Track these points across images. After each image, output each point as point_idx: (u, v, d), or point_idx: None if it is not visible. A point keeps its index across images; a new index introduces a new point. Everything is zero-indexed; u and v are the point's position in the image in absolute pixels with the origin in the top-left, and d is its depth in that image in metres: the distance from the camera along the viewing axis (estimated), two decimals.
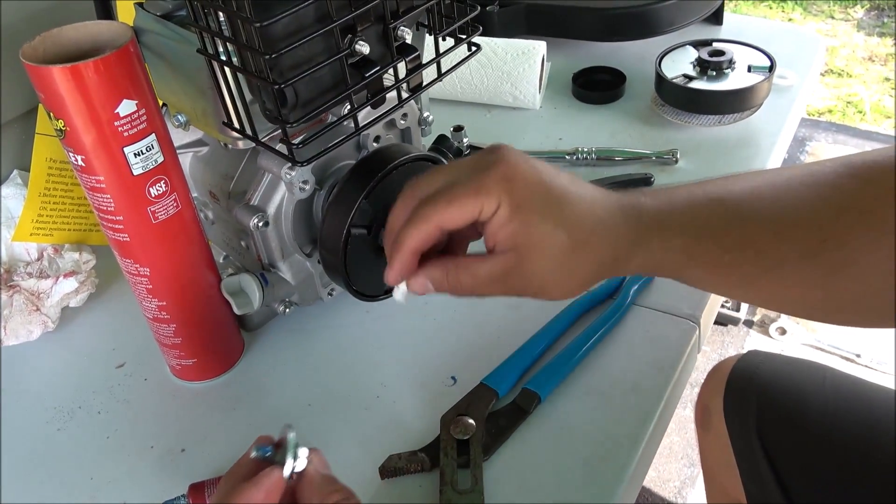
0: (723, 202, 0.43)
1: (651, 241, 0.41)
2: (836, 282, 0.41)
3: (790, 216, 0.41)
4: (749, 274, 0.42)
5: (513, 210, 0.38)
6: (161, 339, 0.53)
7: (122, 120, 0.41)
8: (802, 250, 0.41)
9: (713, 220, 0.42)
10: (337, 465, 0.48)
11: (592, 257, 0.41)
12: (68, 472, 0.50)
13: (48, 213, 0.61)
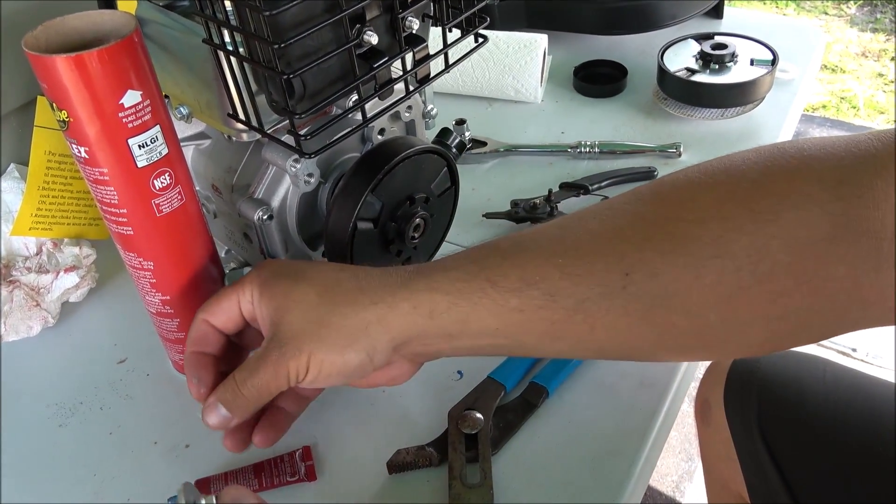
0: (496, 246, 0.40)
1: (414, 283, 0.39)
2: (662, 316, 0.36)
3: (576, 251, 0.38)
4: (552, 320, 0.37)
5: (260, 287, 0.42)
6: (164, 333, 0.52)
7: (126, 111, 0.41)
8: (605, 286, 0.36)
9: (482, 260, 0.39)
10: (344, 461, 0.48)
11: (345, 303, 0.40)
12: (71, 469, 0.50)
13: (47, 207, 0.60)
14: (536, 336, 0.39)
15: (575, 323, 0.37)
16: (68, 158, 0.60)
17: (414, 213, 0.51)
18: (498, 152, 0.75)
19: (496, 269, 0.38)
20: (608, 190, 0.67)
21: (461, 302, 0.38)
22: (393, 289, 0.40)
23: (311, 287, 0.41)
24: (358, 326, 0.39)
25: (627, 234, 0.37)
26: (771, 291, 0.35)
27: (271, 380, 0.40)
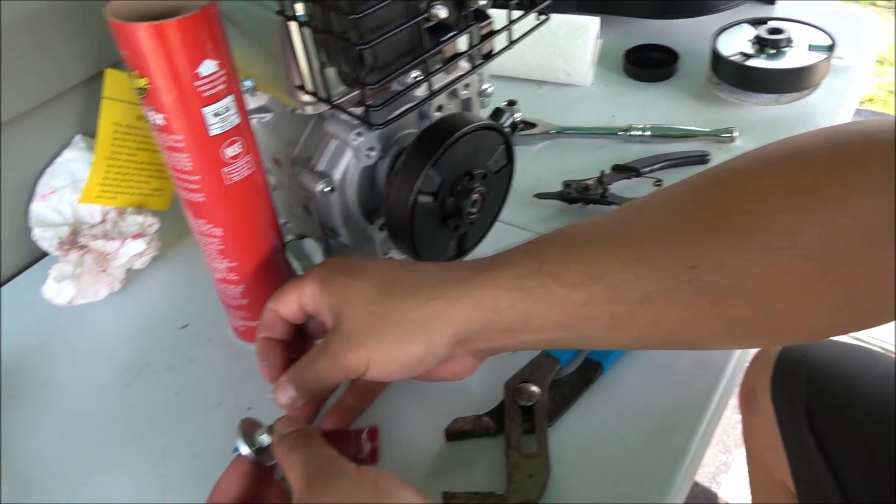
0: (554, 239, 0.40)
1: (476, 279, 0.39)
2: (729, 307, 0.36)
3: (638, 244, 0.37)
4: (615, 314, 0.37)
5: (320, 283, 0.43)
6: (228, 300, 0.54)
7: (202, 80, 0.42)
8: (670, 279, 0.36)
9: (543, 255, 0.39)
10: (401, 428, 0.49)
11: (405, 298, 0.40)
12: (140, 427, 0.52)
13: (113, 177, 0.62)
14: (600, 329, 0.39)
15: (640, 316, 0.37)
16: (133, 129, 0.62)
17: (472, 189, 0.52)
18: (548, 134, 0.75)
19: (557, 263, 0.38)
20: (660, 173, 0.67)
21: (524, 297, 0.38)
22: (453, 284, 0.40)
23: (371, 283, 0.41)
24: (418, 321, 0.40)
25: (691, 226, 0.37)
26: (839, 280, 0.35)
27: (330, 370, 0.41)
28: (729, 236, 0.35)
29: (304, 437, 0.38)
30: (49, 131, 0.65)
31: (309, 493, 0.34)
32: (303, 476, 0.35)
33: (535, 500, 0.43)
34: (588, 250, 0.38)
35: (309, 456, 0.36)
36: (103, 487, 0.48)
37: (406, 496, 0.34)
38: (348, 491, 0.34)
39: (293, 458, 0.37)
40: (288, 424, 0.40)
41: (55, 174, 0.64)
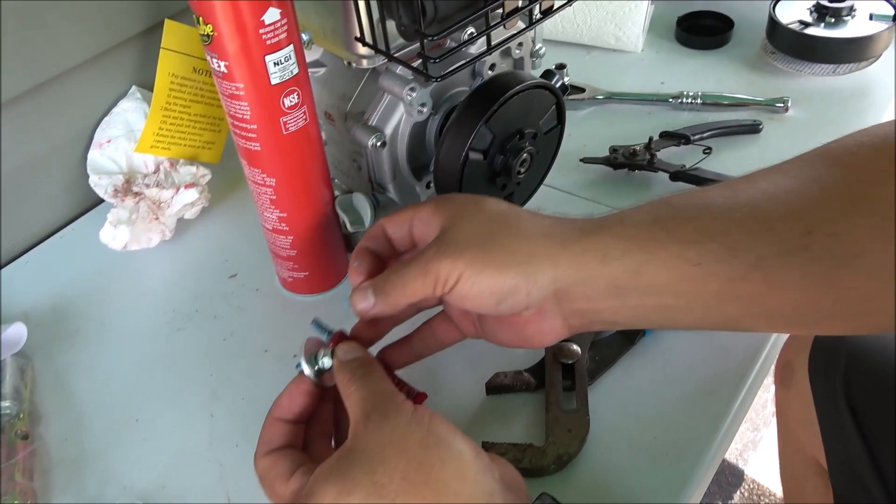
0: (668, 200, 0.39)
1: (592, 233, 0.38)
2: (844, 278, 0.34)
3: (752, 208, 0.36)
4: (729, 276, 0.36)
5: (437, 204, 0.41)
6: (277, 250, 0.55)
7: (266, 28, 0.43)
8: (785, 244, 0.35)
9: (656, 212, 0.38)
10: (443, 380, 0.51)
11: (513, 232, 0.39)
12: (190, 368, 0.54)
13: (167, 128, 0.63)
14: (709, 296, 0.37)
15: (752, 281, 0.35)
16: (189, 81, 0.63)
17: (522, 148, 0.52)
18: (595, 100, 0.74)
19: (672, 220, 0.37)
20: (711, 141, 0.66)
21: (635, 249, 0.37)
22: (566, 229, 0.39)
23: (486, 210, 0.40)
24: (524, 252, 0.38)
25: (804, 194, 0.36)
26: None
27: (417, 277, 0.39)
28: (843, 204, 0.34)
29: (365, 367, 0.38)
30: (107, 81, 0.67)
31: (364, 426, 0.34)
32: (360, 408, 0.36)
33: (574, 454, 0.44)
34: (700, 210, 0.37)
35: (368, 389, 0.37)
36: (154, 424, 0.51)
37: (457, 443, 0.34)
38: (402, 430, 0.34)
39: (353, 387, 0.37)
40: (349, 351, 0.40)
41: (112, 124, 0.66)
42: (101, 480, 0.47)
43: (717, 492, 1.24)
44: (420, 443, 0.34)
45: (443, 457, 0.33)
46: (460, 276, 0.38)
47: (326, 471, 0.34)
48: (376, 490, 0.32)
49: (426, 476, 0.33)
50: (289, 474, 0.36)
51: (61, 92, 0.63)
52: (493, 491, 0.34)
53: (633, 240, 0.37)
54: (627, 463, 0.44)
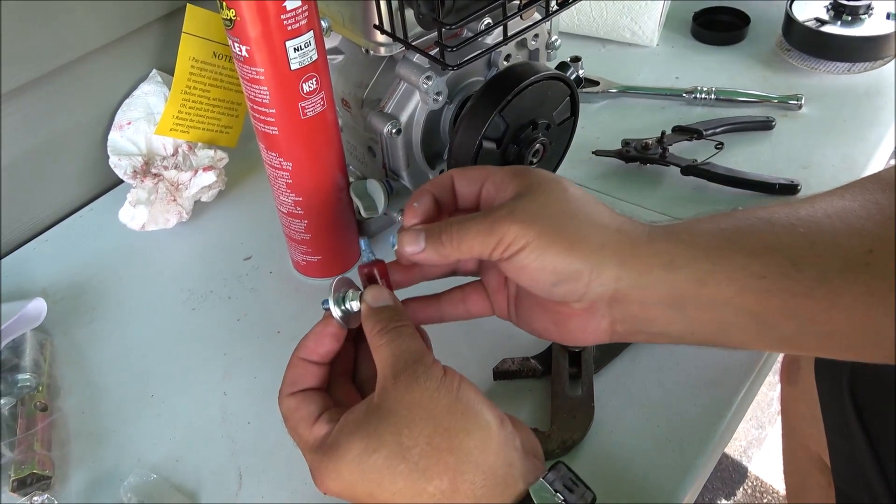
0: (730, 215, 0.38)
1: (658, 242, 0.37)
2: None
3: (821, 223, 0.36)
4: (793, 292, 0.35)
5: (515, 171, 0.39)
6: (291, 233, 0.56)
7: (287, 14, 0.43)
8: (848, 260, 0.35)
9: (720, 223, 0.38)
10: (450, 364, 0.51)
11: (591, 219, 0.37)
12: (204, 347, 0.55)
13: (187, 111, 0.64)
14: (769, 312, 0.36)
15: (815, 298, 0.35)
16: (208, 66, 0.64)
17: (535, 139, 0.53)
18: (609, 93, 0.75)
19: (736, 232, 0.37)
20: (723, 136, 0.67)
21: (702, 258, 0.36)
22: (636, 230, 0.38)
23: (565, 189, 0.38)
24: (597, 241, 0.37)
25: (862, 214, 0.35)
26: None
27: (481, 233, 0.37)
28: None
29: (395, 320, 0.37)
30: (128, 64, 0.68)
31: (394, 385, 0.34)
32: (390, 364, 0.35)
33: (578, 439, 0.45)
34: (766, 225, 0.37)
35: (400, 345, 0.36)
36: (169, 400, 0.52)
37: (484, 412, 0.34)
38: (431, 395, 0.34)
39: (383, 341, 0.36)
40: (379, 297, 0.38)
41: (132, 106, 0.67)
42: (116, 453, 0.49)
43: (720, 488, 1.24)
44: (448, 409, 0.34)
45: (468, 426, 0.34)
46: (526, 245, 0.36)
47: (353, 424, 0.35)
48: (401, 451, 0.33)
49: (450, 443, 0.33)
50: (313, 418, 0.37)
51: (84, 74, 0.64)
52: (513, 461, 0.34)
53: (700, 249, 0.36)
54: (631, 449, 0.45)
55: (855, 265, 0.34)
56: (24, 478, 0.45)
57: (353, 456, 0.33)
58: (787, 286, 0.35)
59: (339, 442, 0.34)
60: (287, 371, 0.39)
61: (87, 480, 0.47)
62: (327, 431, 0.36)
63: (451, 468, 0.33)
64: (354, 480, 0.34)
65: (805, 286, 0.35)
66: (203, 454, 0.48)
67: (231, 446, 0.48)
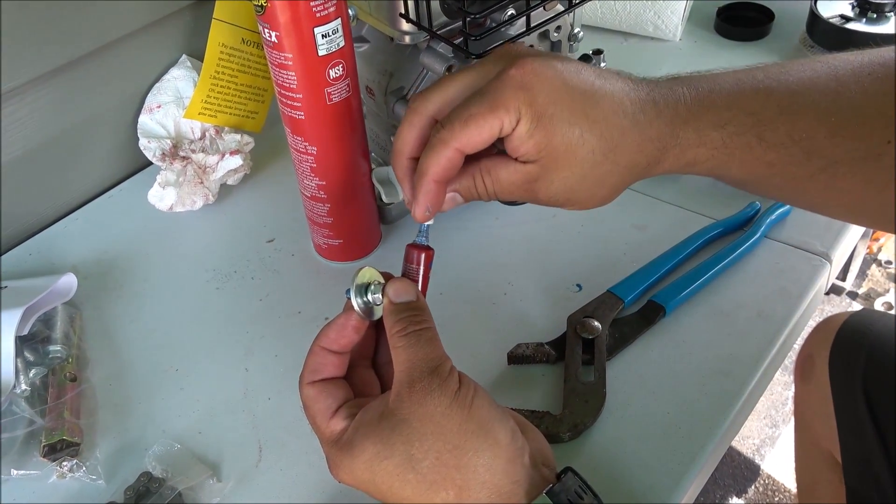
0: (771, 93, 0.38)
1: (686, 135, 0.38)
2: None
3: (851, 111, 0.37)
4: (795, 176, 0.38)
5: (534, 121, 0.36)
6: (314, 217, 0.57)
7: (317, 1, 0.45)
8: (863, 151, 0.36)
9: (758, 113, 0.38)
10: (465, 348, 0.52)
11: (624, 162, 0.38)
12: (227, 325, 0.57)
13: (215, 96, 0.66)
14: (769, 184, 0.40)
15: (814, 181, 0.38)
16: (237, 52, 0.66)
17: None
18: None
19: (770, 123, 0.37)
20: None
21: (724, 156, 0.38)
22: (665, 127, 0.38)
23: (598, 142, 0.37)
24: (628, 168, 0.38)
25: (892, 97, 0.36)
26: None
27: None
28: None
29: (417, 320, 0.37)
30: (159, 49, 0.69)
31: (409, 393, 0.35)
32: (407, 371, 0.35)
33: (588, 424, 0.46)
34: (802, 109, 0.37)
35: (418, 352, 0.36)
36: (192, 374, 0.54)
37: (494, 430, 0.34)
38: (443, 411, 0.34)
39: (402, 343, 0.36)
40: (401, 292, 0.38)
41: (162, 90, 0.69)
42: (141, 423, 0.50)
43: (732, 485, 1.24)
44: (459, 427, 0.34)
45: (478, 446, 0.34)
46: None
47: (367, 427, 0.35)
48: (410, 462, 0.34)
49: (458, 461, 0.34)
50: (331, 411, 0.37)
51: (116, 58, 0.66)
52: (520, 478, 0.35)
53: (725, 148, 0.38)
54: (640, 435, 0.46)
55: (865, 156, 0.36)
56: (55, 444, 0.47)
57: (367, 458, 0.35)
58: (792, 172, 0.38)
59: (354, 442, 0.35)
60: (308, 358, 0.39)
61: (113, 448, 0.49)
62: (344, 427, 0.37)
63: (458, 484, 0.34)
64: (366, 479, 0.35)
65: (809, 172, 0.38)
66: (224, 427, 0.50)
67: (252, 420, 0.50)
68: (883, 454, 0.64)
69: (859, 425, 0.66)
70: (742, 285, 0.54)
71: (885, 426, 0.64)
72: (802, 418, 0.83)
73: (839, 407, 0.69)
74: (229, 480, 0.47)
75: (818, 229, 0.58)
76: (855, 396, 0.67)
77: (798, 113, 0.37)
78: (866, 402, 0.66)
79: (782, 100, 0.38)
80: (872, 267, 1.56)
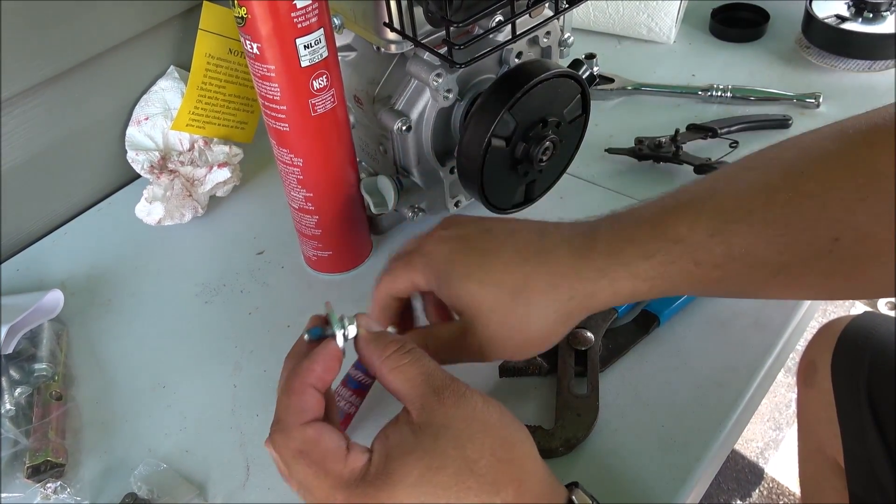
0: (699, 216, 0.38)
1: (612, 269, 0.38)
2: (864, 274, 0.36)
3: (785, 218, 0.36)
4: (751, 282, 0.38)
5: (435, 279, 0.41)
6: (302, 229, 0.57)
7: (298, 11, 0.44)
8: (812, 252, 0.36)
9: (685, 240, 0.37)
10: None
11: (538, 302, 0.39)
12: (216, 340, 0.56)
13: (203, 107, 0.65)
14: (730, 294, 0.41)
15: (773, 285, 0.38)
16: (224, 62, 0.65)
17: (545, 136, 0.53)
18: (624, 90, 0.74)
19: (702, 248, 0.37)
20: (738, 135, 0.66)
21: (663, 284, 0.38)
22: (590, 279, 0.39)
23: (501, 290, 0.40)
24: (559, 319, 0.40)
25: (839, 194, 0.35)
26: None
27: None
28: (878, 206, 0.34)
29: (404, 341, 0.37)
30: (146, 61, 0.69)
31: (439, 401, 0.33)
32: (423, 382, 0.34)
33: (581, 438, 0.45)
34: (733, 227, 0.37)
35: (428, 364, 0.35)
36: (180, 391, 0.53)
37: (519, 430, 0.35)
38: (482, 408, 0.33)
39: (406, 360, 0.35)
40: (372, 322, 0.39)
41: (150, 102, 0.68)
42: (127, 442, 0.50)
43: (735, 489, 1.23)
44: (500, 421, 0.34)
45: (521, 436, 0.34)
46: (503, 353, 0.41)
47: (401, 448, 0.33)
48: (468, 465, 0.32)
49: (510, 454, 0.33)
50: (343, 450, 0.34)
51: (103, 70, 0.65)
52: (547, 469, 0.35)
53: (661, 278, 0.38)
54: (634, 449, 0.45)
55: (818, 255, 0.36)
56: (39, 465, 0.47)
57: (414, 479, 0.32)
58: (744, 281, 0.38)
59: (391, 469, 0.32)
60: (292, 398, 0.35)
61: (98, 469, 0.48)
62: (366, 461, 0.33)
63: (516, 478, 0.33)
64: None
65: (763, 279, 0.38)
66: (212, 445, 0.49)
67: (240, 438, 0.49)
68: (887, 460, 0.62)
69: (862, 431, 0.65)
70: None
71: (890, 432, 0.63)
72: (806, 424, 0.82)
73: (842, 412, 0.68)
74: (216, 500, 0.46)
75: None
76: (858, 402, 0.66)
77: (730, 231, 0.36)
78: (870, 407, 0.65)
79: (710, 221, 0.37)
80: None
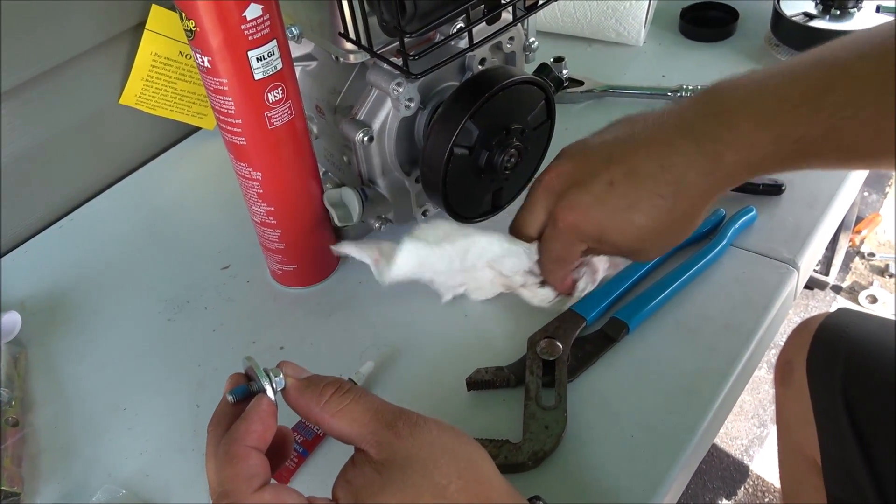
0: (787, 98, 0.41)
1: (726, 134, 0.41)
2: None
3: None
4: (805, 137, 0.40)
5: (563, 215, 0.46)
6: (266, 243, 0.56)
7: (248, 24, 0.43)
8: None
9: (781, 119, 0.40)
10: (424, 375, 0.51)
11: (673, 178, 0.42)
12: (179, 358, 0.55)
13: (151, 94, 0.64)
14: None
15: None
16: (174, 62, 0.64)
17: (509, 144, 0.52)
18: (593, 93, 0.74)
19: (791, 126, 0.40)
20: None
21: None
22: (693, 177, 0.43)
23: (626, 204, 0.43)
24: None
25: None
26: None
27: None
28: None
29: (339, 382, 0.35)
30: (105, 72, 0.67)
31: (394, 434, 0.33)
32: (372, 419, 0.33)
33: (549, 451, 0.44)
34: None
35: (373, 401, 0.34)
36: (141, 413, 0.51)
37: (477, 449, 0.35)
38: (439, 433, 0.33)
39: (348, 400, 0.34)
40: (298, 369, 0.37)
41: None
42: (86, 468, 0.48)
43: (721, 487, 1.23)
44: (458, 443, 0.34)
45: (480, 454, 0.34)
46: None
47: (369, 489, 0.32)
48: (440, 492, 0.32)
49: (476, 474, 0.33)
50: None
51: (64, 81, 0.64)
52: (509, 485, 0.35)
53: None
54: (603, 461, 0.44)
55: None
56: None
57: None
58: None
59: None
60: (238, 465, 0.33)
61: (56, 496, 0.47)
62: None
63: (484, 496, 0.33)
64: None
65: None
66: (174, 469, 0.48)
67: (202, 460, 0.47)
68: (863, 460, 0.62)
69: (839, 431, 0.65)
70: (707, 297, 0.53)
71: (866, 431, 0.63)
72: (784, 424, 0.82)
73: (819, 413, 0.68)
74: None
75: (784, 236, 0.56)
76: (834, 401, 0.65)
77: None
78: (846, 407, 0.64)
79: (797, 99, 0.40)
80: (856, 259, 1.55)
